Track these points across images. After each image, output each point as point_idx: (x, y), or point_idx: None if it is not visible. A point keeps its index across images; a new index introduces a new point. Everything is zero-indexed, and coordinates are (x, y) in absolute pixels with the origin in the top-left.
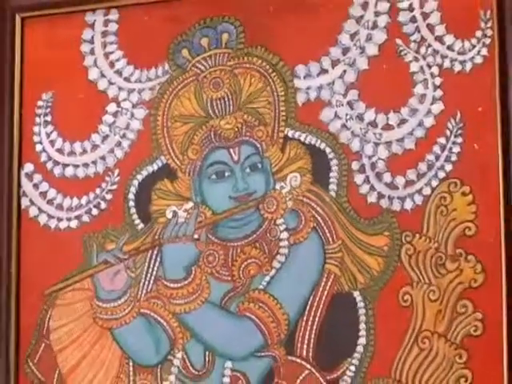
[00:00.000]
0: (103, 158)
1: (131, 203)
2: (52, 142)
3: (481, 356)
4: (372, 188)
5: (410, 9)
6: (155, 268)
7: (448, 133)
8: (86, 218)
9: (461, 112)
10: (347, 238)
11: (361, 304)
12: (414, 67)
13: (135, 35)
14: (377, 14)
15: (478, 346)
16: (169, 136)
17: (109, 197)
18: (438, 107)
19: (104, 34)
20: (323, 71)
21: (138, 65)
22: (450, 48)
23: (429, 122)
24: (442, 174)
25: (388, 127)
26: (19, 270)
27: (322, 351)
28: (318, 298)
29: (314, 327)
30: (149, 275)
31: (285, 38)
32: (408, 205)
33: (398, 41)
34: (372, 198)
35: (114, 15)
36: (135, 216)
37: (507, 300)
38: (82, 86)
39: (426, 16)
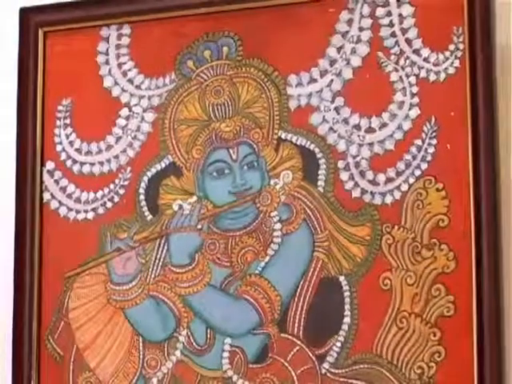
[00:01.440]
0: (116, 156)
1: (141, 197)
2: (71, 143)
3: (452, 334)
4: (356, 184)
5: (390, 25)
6: (163, 255)
7: (424, 135)
8: (101, 210)
9: (435, 117)
10: (333, 229)
11: (346, 287)
12: (393, 77)
13: (145, 48)
14: (360, 29)
15: (450, 325)
16: (175, 137)
17: (121, 191)
18: (414, 112)
19: (117, 46)
20: (313, 80)
21: (147, 74)
22: (425, 60)
23: (407, 125)
24: (418, 172)
25: (370, 130)
26: (41, 256)
27: (311, 329)
28: (307, 282)
29: (304, 308)
30: (157, 261)
31: (278, 51)
32: (388, 199)
33: (380, 53)
34: (356, 193)
35: (126, 30)
36: (145, 208)
37: (476, 284)
38: (98, 92)
39: (404, 31)
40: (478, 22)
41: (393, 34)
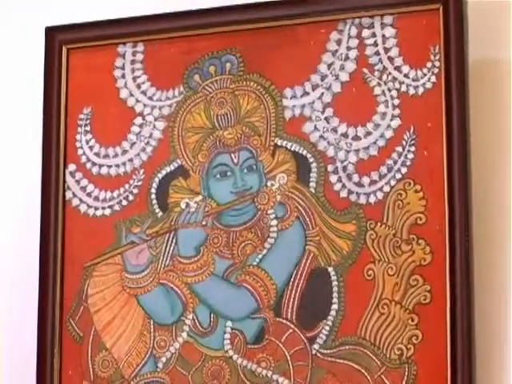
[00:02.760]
0: (131, 160)
1: (153, 196)
2: (91, 147)
3: (429, 319)
4: (343, 186)
5: (375, 44)
6: (171, 247)
7: (404, 143)
8: (117, 208)
9: (414, 126)
10: (323, 225)
11: (334, 277)
12: (377, 91)
13: (157, 63)
14: (348, 48)
15: (427, 311)
16: (183, 143)
17: (135, 191)
18: (396, 123)
19: (132, 62)
20: (305, 93)
21: (159, 87)
22: (406, 76)
23: (389, 134)
24: (398, 176)
25: (357, 138)
26: (64, 248)
27: (302, 314)
28: (300, 272)
29: (297, 295)
30: (166, 253)
31: (275, 67)
32: (372, 199)
33: (365, 70)
34: (343, 194)
35: (140, 47)
36: (156, 206)
37: (450, 275)
38: (115, 103)
39: (387, 50)
40: (452, 42)
41: (377, 53)
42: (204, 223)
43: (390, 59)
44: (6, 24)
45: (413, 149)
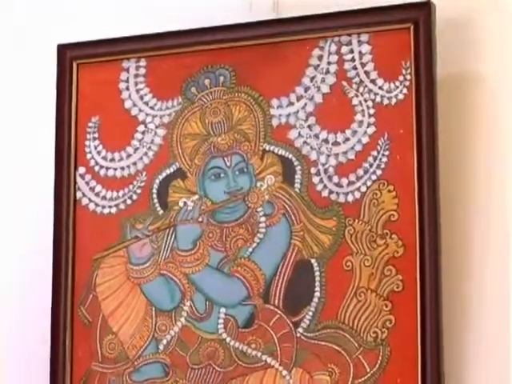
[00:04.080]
0: (135, 163)
1: (154, 196)
2: (98, 152)
3: (401, 306)
4: (325, 186)
5: (352, 60)
6: (171, 241)
7: (379, 148)
8: (122, 206)
9: (388, 133)
10: (307, 222)
11: (316, 268)
12: (354, 101)
13: (158, 77)
14: (329, 63)
15: (399, 298)
16: (181, 148)
17: (138, 191)
18: (371, 130)
19: (136, 76)
20: (290, 103)
21: (159, 98)
22: (380, 88)
23: (365, 140)
24: (374, 177)
25: (336, 143)
26: (75, 242)
27: (288, 301)
28: (286, 264)
29: (283, 284)
30: (166, 246)
31: (264, 80)
32: (350, 198)
33: (344, 82)
34: (325, 193)
35: (143, 63)
36: (157, 205)
37: (420, 266)
38: (120, 112)
39: (363, 65)
40: (421, 57)
41: (354, 67)
42: (200, 220)
43: (366, 73)
44: (21, 42)
45: (387, 153)
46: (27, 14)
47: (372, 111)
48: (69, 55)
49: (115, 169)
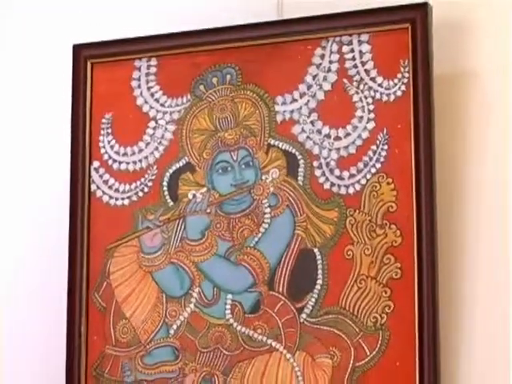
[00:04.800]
0: (146, 157)
1: (165, 188)
2: (112, 147)
3: (399, 292)
4: (327, 179)
5: (353, 59)
6: (181, 232)
7: (378, 142)
8: (134, 198)
9: (387, 128)
10: (310, 212)
11: (318, 257)
12: (355, 98)
13: (168, 75)
14: (330, 62)
15: (398, 285)
16: (190, 143)
17: (150, 184)
18: (371, 125)
19: (147, 74)
20: (294, 100)
21: (169, 95)
22: (380, 85)
23: (365, 134)
24: (373, 170)
25: (338, 138)
26: (89, 233)
27: (292, 288)
28: (290, 252)
29: (287, 272)
30: (176, 236)
31: (268, 78)
32: (351, 190)
33: (345, 80)
34: (327, 186)
35: (153, 62)
36: (167, 197)
37: (417, 254)
38: (132, 109)
39: (363, 64)
40: (419, 56)
41: (355, 66)
42: (208, 211)
43: (366, 71)
44: (39, 42)
45: (386, 147)
46: (45, 16)
47: (372, 107)
48: (83, 55)
49: (128, 163)
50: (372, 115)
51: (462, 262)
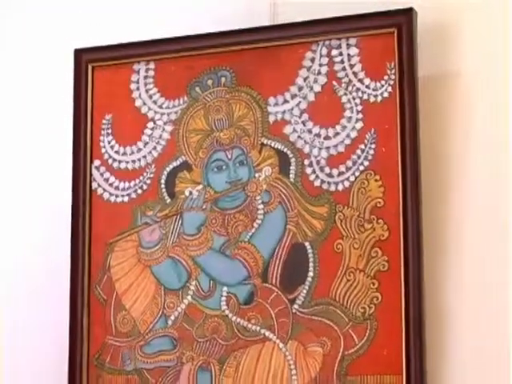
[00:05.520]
0: (145, 157)
1: (162, 186)
2: (112, 147)
3: (387, 284)
4: (317, 176)
5: (342, 62)
6: (178, 227)
7: (366, 141)
8: (133, 195)
9: (374, 128)
10: (301, 208)
11: (309, 250)
12: (344, 99)
13: (165, 78)
14: (320, 65)
15: (385, 277)
16: (187, 143)
17: (148, 182)
18: (359, 125)
19: (145, 77)
20: (286, 101)
21: (167, 97)
22: (367, 87)
23: (353, 134)
24: (361, 168)
25: (328, 137)
26: (91, 228)
27: (285, 280)
28: (282, 246)
29: (280, 265)
30: (174, 231)
31: (262, 80)
32: (340, 187)
33: (334, 82)
34: (317, 183)
35: (151, 65)
36: (165, 194)
37: (403, 248)
38: (131, 110)
39: (352, 66)
40: (404, 59)
41: (343, 68)
42: (204, 207)
43: (355, 73)
44: (42, 47)
45: (373, 146)
46: (48, 22)
47: (360, 108)
48: (85, 58)
49: (127, 162)
50: (360, 115)
51: (446, 255)
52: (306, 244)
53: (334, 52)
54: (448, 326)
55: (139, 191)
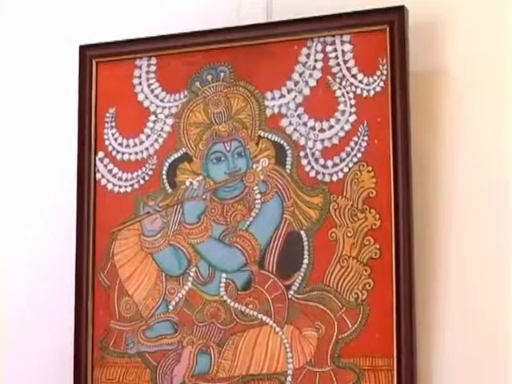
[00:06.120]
0: (147, 149)
1: (164, 176)
2: (115, 139)
3: (378, 271)
4: (312, 168)
5: (336, 57)
6: (179, 216)
7: (359, 134)
8: (136, 186)
9: (367, 121)
10: (297, 198)
11: (305, 239)
12: (338, 93)
13: (166, 73)
14: (315, 60)
15: (377, 264)
16: (187, 135)
17: (150, 173)
18: (353, 118)
19: (147, 72)
20: (282, 96)
21: (168, 91)
22: (360, 82)
23: (347, 127)
24: (355, 159)
25: (322, 130)
26: (95, 217)
27: (281, 267)
28: (278, 235)
29: (276, 252)
30: (175, 220)
31: (259, 75)
32: (334, 178)
33: (329, 77)
34: (312, 174)
35: (153, 61)
36: (166, 184)
37: (395, 236)
38: (134, 104)
39: (345, 62)
40: (396, 55)
41: (337, 64)
42: (204, 197)
43: (348, 69)
44: (48, 43)
45: (366, 138)
46: (54, 19)
47: (353, 102)
48: (89, 54)
49: (130, 153)
50: (353, 109)
51: (435, 242)
52: (302, 232)
53: (329, 48)
54: (437, 310)
55: (141, 182)
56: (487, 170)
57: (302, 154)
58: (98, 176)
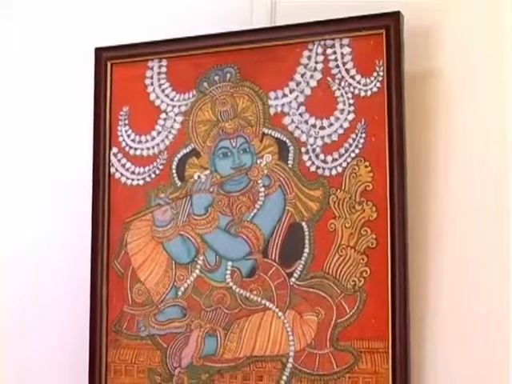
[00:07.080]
0: (158, 144)
1: (174, 171)
2: (128, 135)
3: (375, 259)
4: (313, 163)
5: (335, 60)
6: (188, 208)
7: (357, 131)
8: (148, 179)
9: (364, 119)
10: (298, 191)
11: (306, 229)
12: (337, 93)
13: (176, 74)
14: (316, 62)
15: (374, 253)
16: (196, 132)
17: (161, 167)
18: (351, 116)
19: (158, 73)
20: (285, 95)
21: (178, 91)
22: (358, 82)
23: (346, 124)
24: (353, 155)
25: (322, 128)
26: (110, 208)
27: (283, 256)
28: (281, 226)
29: (279, 242)
30: (184, 212)
31: (263, 76)
32: (333, 172)
33: (329, 78)
34: (313, 169)
35: (164, 62)
36: (176, 178)
37: (390, 227)
38: (146, 103)
39: (344, 64)
40: (392, 57)
41: (337, 66)
42: (211, 190)
43: (347, 70)
44: (65, 46)
45: (363, 135)
46: (72, 23)
47: (351, 101)
48: (104, 56)
49: (142, 149)
50: (352, 108)
51: (429, 232)
52: (303, 223)
53: (329, 51)
54: (431, 297)
55: (153, 175)
56: (477, 165)
57: (303, 149)
58: (113, 170)
